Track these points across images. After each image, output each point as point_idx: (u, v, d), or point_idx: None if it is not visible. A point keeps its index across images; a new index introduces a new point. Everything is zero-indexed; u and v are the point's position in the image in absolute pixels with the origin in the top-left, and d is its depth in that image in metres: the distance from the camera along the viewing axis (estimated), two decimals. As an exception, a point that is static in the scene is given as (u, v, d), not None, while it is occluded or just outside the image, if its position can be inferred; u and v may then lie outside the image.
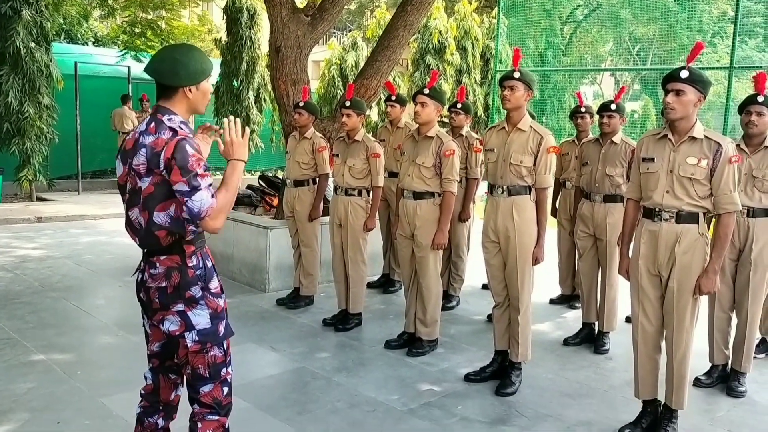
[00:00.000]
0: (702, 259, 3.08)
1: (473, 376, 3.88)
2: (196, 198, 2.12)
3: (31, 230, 8.26)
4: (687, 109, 3.01)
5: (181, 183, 2.12)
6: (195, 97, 2.26)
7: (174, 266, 2.24)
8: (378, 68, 6.25)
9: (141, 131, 2.21)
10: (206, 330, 2.28)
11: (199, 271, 2.27)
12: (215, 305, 2.31)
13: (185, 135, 2.16)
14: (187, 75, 2.21)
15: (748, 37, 15.10)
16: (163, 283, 2.24)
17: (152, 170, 2.15)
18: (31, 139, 9.56)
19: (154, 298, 2.26)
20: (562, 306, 5.55)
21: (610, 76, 21.86)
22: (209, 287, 2.30)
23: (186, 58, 2.23)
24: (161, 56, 2.26)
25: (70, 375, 3.78)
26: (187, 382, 2.38)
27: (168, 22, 11.67)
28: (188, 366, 2.32)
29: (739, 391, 3.79)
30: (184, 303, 2.25)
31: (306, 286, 5.28)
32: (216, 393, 2.34)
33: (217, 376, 2.33)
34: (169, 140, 2.13)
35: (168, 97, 2.24)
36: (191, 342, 2.27)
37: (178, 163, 2.11)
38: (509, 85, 3.61)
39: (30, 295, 5.35)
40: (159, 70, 2.22)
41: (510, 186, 3.68)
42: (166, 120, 2.19)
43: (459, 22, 15.19)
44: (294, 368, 4.02)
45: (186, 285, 2.24)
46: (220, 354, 2.33)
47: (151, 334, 2.42)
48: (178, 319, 2.26)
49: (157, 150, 2.13)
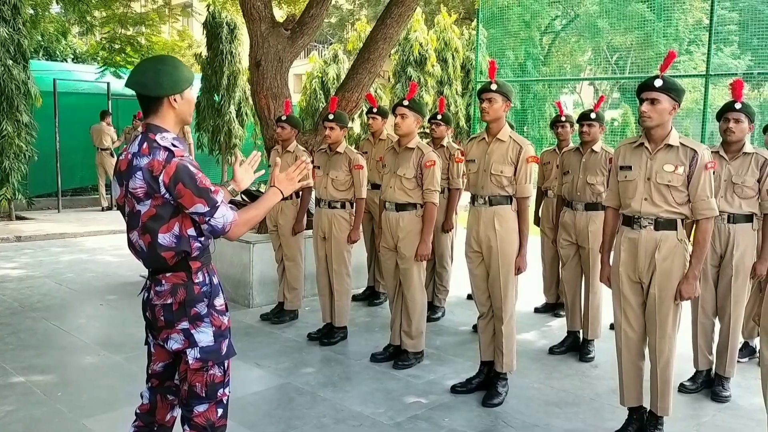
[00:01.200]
0: (682, 265, 3.11)
1: (460, 387, 3.87)
2: (218, 215, 2.14)
3: (11, 250, 8.14)
4: (662, 117, 3.05)
5: (198, 204, 2.11)
6: (181, 106, 2.22)
7: (180, 283, 2.22)
8: (359, 81, 6.27)
9: (134, 152, 2.16)
10: (209, 348, 2.25)
11: (204, 288, 2.25)
12: (219, 323, 2.29)
13: (181, 155, 2.13)
14: (171, 84, 2.18)
15: (723, 44, 15.37)
16: (168, 300, 2.21)
17: (152, 194, 2.12)
18: (9, 158, 9.43)
19: (159, 315, 2.23)
20: (547, 314, 5.56)
21: (589, 85, 22.10)
22: (214, 304, 2.28)
23: (168, 67, 2.20)
24: (142, 68, 2.22)
25: (51, 396, 3.71)
26: (181, 401, 2.34)
27: (147, 37, 11.58)
28: (185, 383, 2.28)
29: (724, 396, 3.82)
30: (189, 321, 2.22)
31: (290, 300, 5.25)
32: (210, 414, 2.30)
33: (213, 396, 2.29)
34: (165, 162, 2.10)
35: (155, 112, 2.20)
36: (192, 359, 2.23)
37: (188, 185, 2.09)
38: (487, 98, 3.64)
39: (9, 316, 5.27)
40: (141, 82, 2.18)
41: (491, 196, 3.70)
42: (159, 139, 2.15)
43: (439, 34, 15.29)
44: (279, 384, 3.99)
45: (192, 301, 2.22)
46: (219, 374, 2.29)
47: (155, 354, 2.38)
48: (182, 337, 2.23)
49: (155, 174, 2.10)
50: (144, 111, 2.23)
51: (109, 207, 11.57)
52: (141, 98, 2.21)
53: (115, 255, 7.90)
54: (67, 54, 15.78)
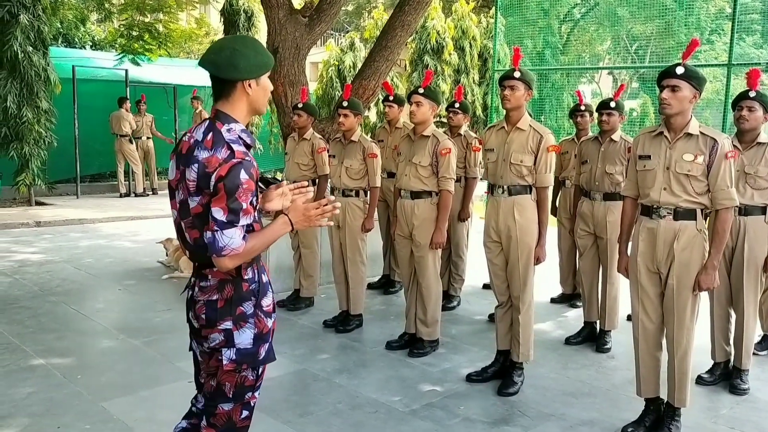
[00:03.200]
0: (701, 255, 3.08)
1: (475, 376, 3.87)
2: (228, 233, 1.93)
3: (30, 235, 8.24)
4: (682, 104, 3.01)
5: (219, 209, 1.92)
6: (255, 93, 2.05)
7: (227, 279, 2.04)
8: (376, 69, 6.25)
9: (197, 140, 2.00)
10: (246, 350, 2.06)
11: (253, 285, 2.08)
12: (263, 325, 2.10)
13: (242, 158, 1.95)
14: (248, 67, 1.99)
15: (746, 34, 15.10)
16: (214, 296, 2.04)
17: (201, 189, 1.97)
18: (29, 144, 9.54)
19: (200, 313, 2.06)
20: (564, 305, 5.54)
21: (608, 74, 21.86)
22: (261, 304, 2.10)
23: (247, 48, 2.01)
24: (219, 46, 2.03)
25: (70, 379, 3.77)
26: (205, 394, 2.17)
27: (165, 24, 11.63)
28: (214, 379, 2.11)
29: (742, 388, 3.78)
30: (233, 321, 2.04)
31: (306, 287, 5.28)
32: (233, 413, 2.13)
33: (240, 398, 2.12)
34: (224, 161, 1.93)
35: (227, 97, 2.03)
36: (227, 360, 2.05)
37: (227, 187, 1.92)
38: (509, 85, 3.60)
39: (29, 300, 5.34)
40: (216, 62, 1.99)
41: (510, 186, 3.67)
42: (225, 131, 1.99)
43: (457, 22, 15.18)
44: (295, 370, 4.01)
45: (239, 299, 2.05)
46: (251, 377, 2.11)
47: (203, 362, 2.19)
48: (221, 336, 2.05)
49: (209, 170, 1.94)
50: (215, 94, 2.06)
51: (127, 193, 11.68)
52: (213, 80, 2.04)
53: (133, 241, 7.98)
54: (86, 41, 15.87)
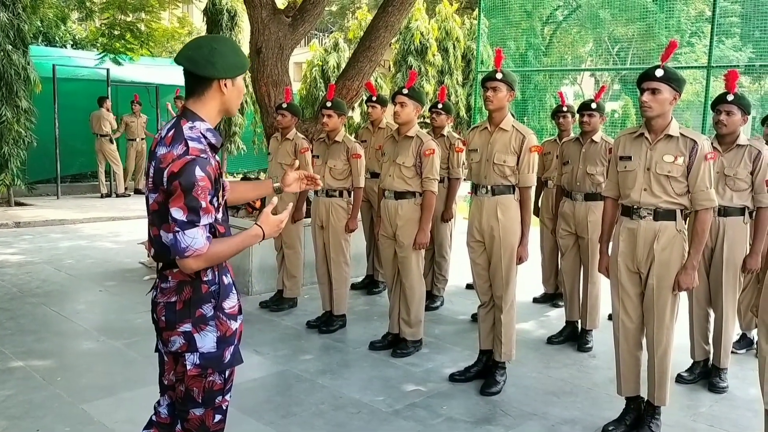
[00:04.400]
0: (680, 255, 3.12)
1: (458, 376, 3.89)
2: (189, 234, 1.89)
3: (10, 235, 8.14)
4: (663, 107, 3.04)
5: (178, 209, 1.88)
6: (230, 93, 2.03)
7: (186, 280, 2.01)
8: (359, 69, 6.25)
9: (162, 137, 1.99)
10: (210, 354, 2.02)
11: (213, 287, 2.03)
12: (226, 328, 2.05)
13: (197, 155, 1.91)
14: (225, 66, 1.98)
15: (725, 36, 15.31)
16: (172, 298, 2.02)
17: (158, 186, 1.94)
18: (8, 143, 9.40)
19: (161, 315, 2.04)
20: (546, 304, 5.58)
21: (590, 76, 22.02)
22: (223, 306, 2.05)
23: (225, 48, 2.00)
24: (197, 43, 2.02)
25: (50, 381, 3.72)
26: (176, 400, 2.14)
27: (147, 24, 11.53)
28: (182, 384, 2.08)
29: (721, 386, 3.83)
30: (192, 323, 2.01)
31: (289, 288, 5.26)
32: (206, 418, 2.10)
33: (210, 402, 2.09)
34: (177, 158, 1.90)
35: (199, 95, 2.00)
36: (191, 365, 2.02)
37: (182, 185, 1.88)
38: (492, 86, 3.62)
39: (8, 301, 5.27)
40: (194, 59, 1.97)
41: (494, 185, 3.70)
42: (186, 128, 1.96)
43: (440, 24, 15.23)
44: (278, 371, 4.00)
45: (198, 301, 2.01)
46: (219, 381, 2.08)
47: (167, 363, 2.16)
48: (182, 339, 2.02)
49: (162, 166, 1.91)
50: (187, 91, 2.02)
51: (108, 194, 11.56)
52: (187, 76, 2.00)
53: (114, 242, 7.91)
54: (67, 40, 15.69)
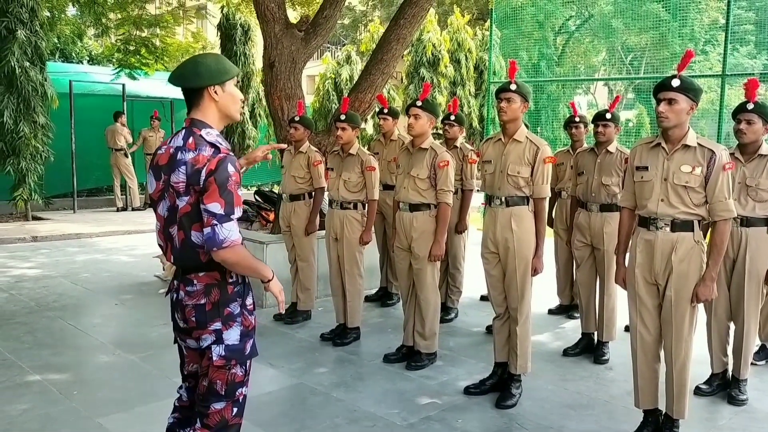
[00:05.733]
0: (698, 266, 3.08)
1: (473, 389, 3.86)
2: (227, 226, 2.05)
3: (27, 250, 8.23)
4: (680, 117, 3.02)
5: (215, 203, 2.04)
6: (222, 99, 2.19)
7: (213, 282, 2.19)
8: (372, 82, 6.27)
9: (178, 146, 2.14)
10: (234, 346, 2.22)
11: (238, 288, 2.23)
12: (248, 322, 2.28)
13: (227, 152, 2.11)
14: (210, 74, 2.15)
15: (739, 44, 15.20)
16: (202, 300, 2.18)
17: (191, 188, 2.09)
18: (26, 159, 9.54)
19: (190, 316, 2.20)
20: (561, 316, 5.53)
21: (604, 85, 21.95)
22: (246, 304, 2.27)
23: (207, 59, 2.20)
24: (183, 63, 2.22)
25: (67, 395, 3.74)
26: (198, 396, 2.30)
27: (162, 39, 11.69)
28: (206, 379, 2.25)
29: (740, 399, 3.77)
30: (222, 321, 2.20)
31: (303, 300, 5.27)
32: (225, 412, 2.28)
33: (231, 395, 2.27)
34: (211, 157, 2.08)
35: (197, 106, 2.18)
36: (217, 356, 2.20)
37: (218, 180, 2.05)
38: (506, 97, 3.62)
39: (26, 315, 5.32)
40: (181, 75, 2.17)
41: (508, 197, 3.69)
42: (204, 134, 2.14)
43: (452, 35, 15.28)
44: (292, 384, 4.00)
45: (226, 302, 2.20)
46: (240, 373, 2.27)
47: (187, 356, 2.39)
48: (213, 336, 2.20)
49: (198, 167, 2.08)
50: (187, 106, 2.20)
51: (124, 208, 11.67)
52: (183, 93, 2.19)
53: (130, 255, 7.96)
54: (83, 56, 15.94)
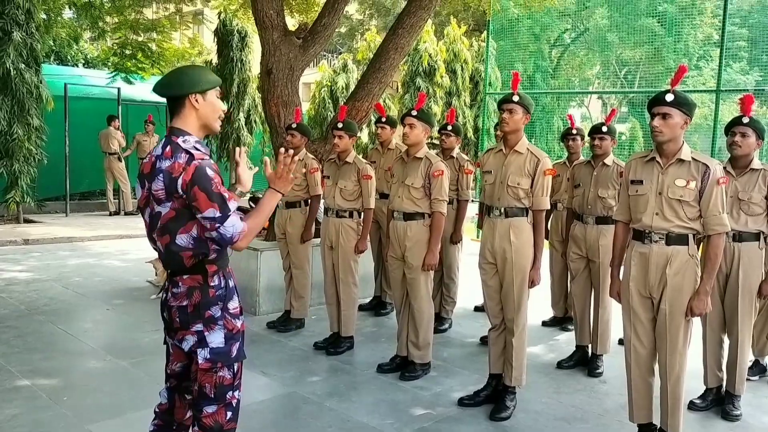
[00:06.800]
0: (693, 280, 3.09)
1: (467, 400, 3.84)
2: (228, 224, 2.15)
3: (18, 252, 8.16)
4: (674, 131, 3.03)
5: (211, 209, 2.13)
6: (203, 108, 2.24)
7: (195, 285, 2.25)
8: (369, 90, 6.27)
9: (157, 155, 2.21)
10: (219, 349, 2.27)
11: (219, 291, 2.29)
12: (232, 326, 2.32)
13: (201, 157, 2.16)
14: (190, 82, 2.21)
15: (732, 60, 15.34)
16: (183, 302, 2.25)
17: (172, 195, 2.16)
18: (19, 161, 9.48)
19: (174, 317, 2.28)
20: (555, 328, 5.53)
21: (598, 98, 22.09)
22: (228, 307, 2.32)
23: (189, 69, 2.28)
24: (168, 73, 2.30)
25: (56, 401, 3.70)
26: (191, 401, 2.37)
27: (159, 44, 11.68)
28: (196, 383, 2.31)
29: (734, 414, 3.77)
30: (203, 323, 2.26)
31: (297, 308, 5.24)
32: (218, 416, 2.32)
33: (221, 398, 2.31)
34: (186, 165, 2.14)
35: (178, 114, 2.24)
36: (202, 359, 2.26)
37: (203, 189, 2.12)
38: (508, 108, 3.63)
39: (16, 319, 5.27)
40: (165, 83, 2.24)
41: (507, 208, 3.69)
42: (180, 142, 2.19)
43: (448, 45, 15.33)
44: (285, 393, 3.97)
45: (206, 304, 2.26)
46: (228, 376, 2.32)
47: (173, 354, 2.43)
48: (195, 338, 2.27)
49: (174, 175, 2.14)
50: (170, 114, 2.28)
51: (117, 212, 11.61)
52: (168, 102, 2.26)
53: (122, 260, 7.92)
54: (78, 59, 15.89)
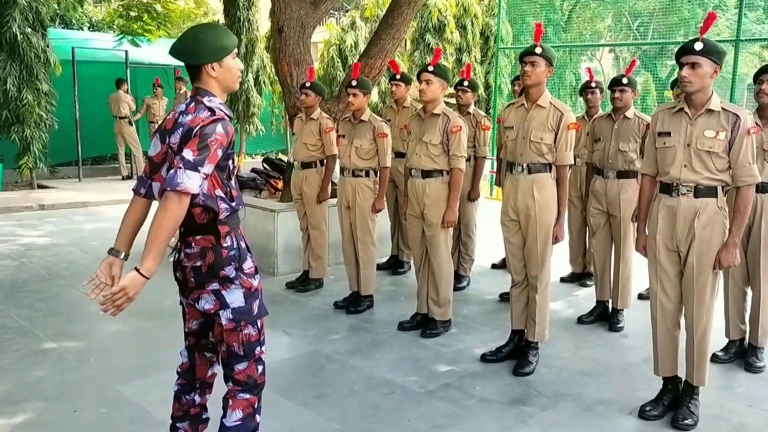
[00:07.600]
0: (721, 233, 3.04)
1: (489, 356, 3.85)
2: (189, 174, 2.06)
3: (35, 218, 8.20)
4: (703, 81, 2.95)
5: (190, 150, 2.08)
6: (220, 74, 2.24)
7: (208, 246, 2.26)
8: (382, 47, 6.15)
9: (181, 111, 2.23)
10: (240, 308, 2.29)
11: (233, 252, 2.29)
12: (249, 284, 2.33)
13: (222, 117, 2.18)
14: (206, 53, 2.20)
15: (748, 9, 14.93)
16: (197, 263, 2.26)
17: (185, 145, 2.15)
18: (30, 126, 9.46)
19: (189, 277, 2.30)
20: (574, 284, 5.52)
21: (610, 52, 21.66)
22: (243, 267, 2.32)
23: (206, 35, 2.22)
24: (183, 36, 2.26)
25: (83, 363, 3.75)
26: (222, 361, 2.41)
27: (164, 5, 11.50)
28: (223, 344, 2.35)
29: (758, 366, 3.76)
30: (219, 282, 2.27)
31: (315, 269, 5.25)
32: (250, 371, 2.37)
33: (251, 354, 2.36)
34: (206, 118, 2.15)
35: (198, 80, 2.25)
36: (226, 320, 2.28)
37: (201, 134, 2.11)
38: (530, 61, 3.53)
39: (37, 283, 5.32)
40: (180, 50, 2.23)
41: (530, 164, 3.63)
42: (206, 101, 2.21)
43: (458, 0, 15.01)
44: (308, 351, 4.00)
45: (220, 264, 2.26)
46: (254, 332, 2.35)
47: (188, 313, 2.45)
48: (213, 297, 2.29)
49: (192, 126, 2.15)
50: (190, 77, 2.28)
51: (129, 176, 11.61)
52: (185, 66, 2.27)
53: (137, 224, 7.93)
54: (83, 22, 15.69)
